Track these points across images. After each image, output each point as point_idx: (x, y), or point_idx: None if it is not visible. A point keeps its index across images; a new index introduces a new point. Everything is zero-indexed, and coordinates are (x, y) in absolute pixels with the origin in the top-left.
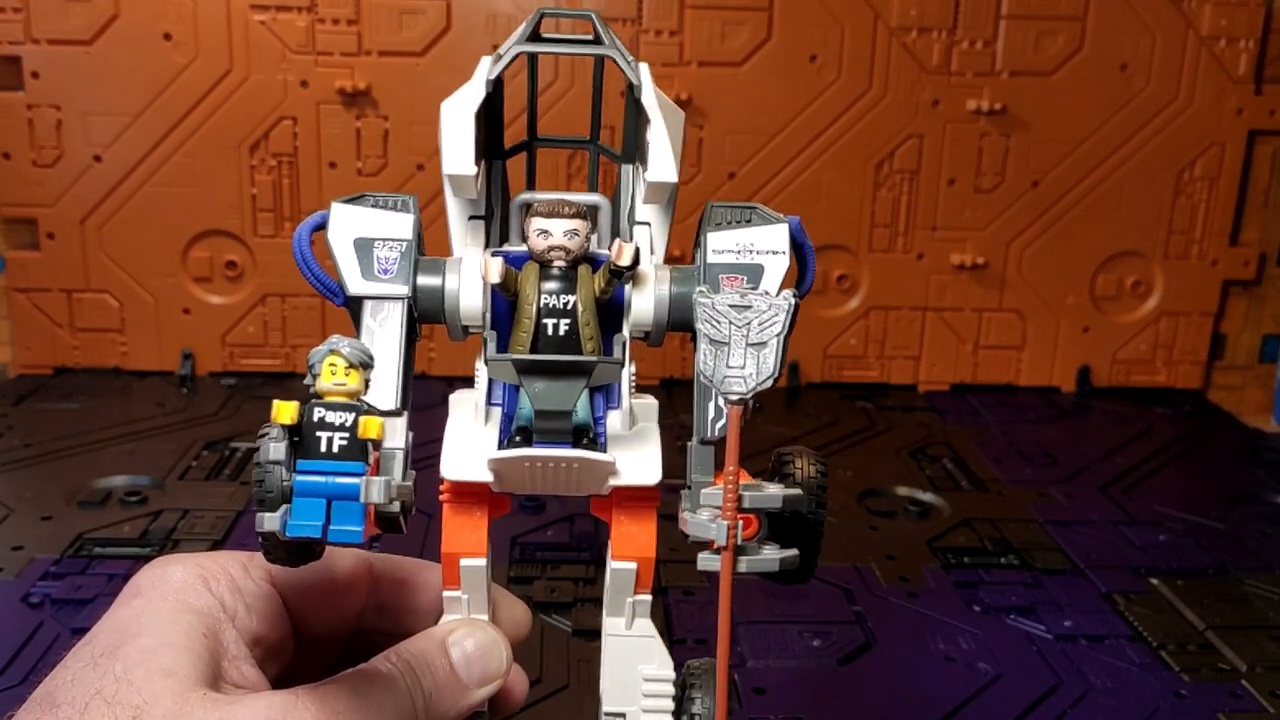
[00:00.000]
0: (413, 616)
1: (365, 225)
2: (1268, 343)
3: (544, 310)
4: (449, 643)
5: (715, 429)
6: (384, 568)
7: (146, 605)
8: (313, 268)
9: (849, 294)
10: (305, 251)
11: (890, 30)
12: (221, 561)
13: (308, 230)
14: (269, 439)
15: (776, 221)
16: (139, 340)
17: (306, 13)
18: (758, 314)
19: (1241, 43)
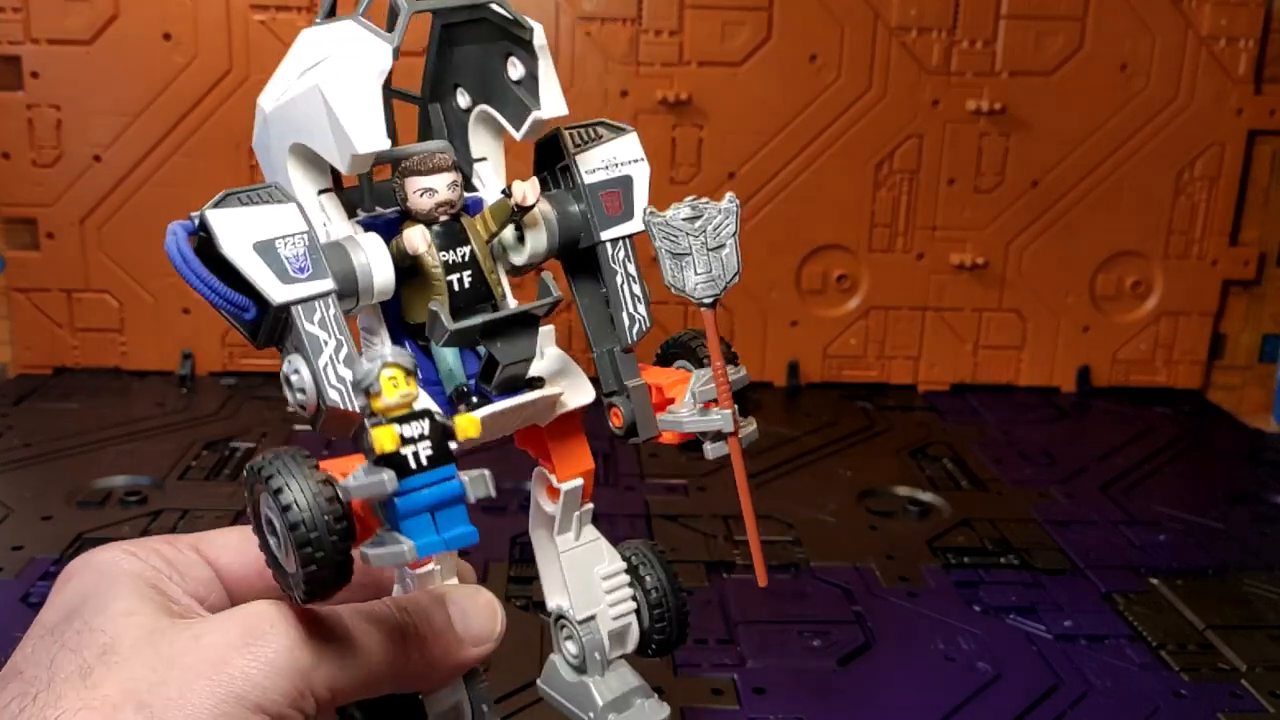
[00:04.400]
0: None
1: (255, 226)
2: (1268, 343)
3: (447, 267)
4: (448, 599)
5: (634, 335)
6: None
7: (83, 581)
8: (213, 284)
9: (849, 294)
10: (197, 265)
11: (890, 30)
12: (146, 541)
13: (186, 241)
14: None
15: (625, 131)
16: (139, 340)
17: (306, 13)
18: (709, 220)
19: (1241, 43)
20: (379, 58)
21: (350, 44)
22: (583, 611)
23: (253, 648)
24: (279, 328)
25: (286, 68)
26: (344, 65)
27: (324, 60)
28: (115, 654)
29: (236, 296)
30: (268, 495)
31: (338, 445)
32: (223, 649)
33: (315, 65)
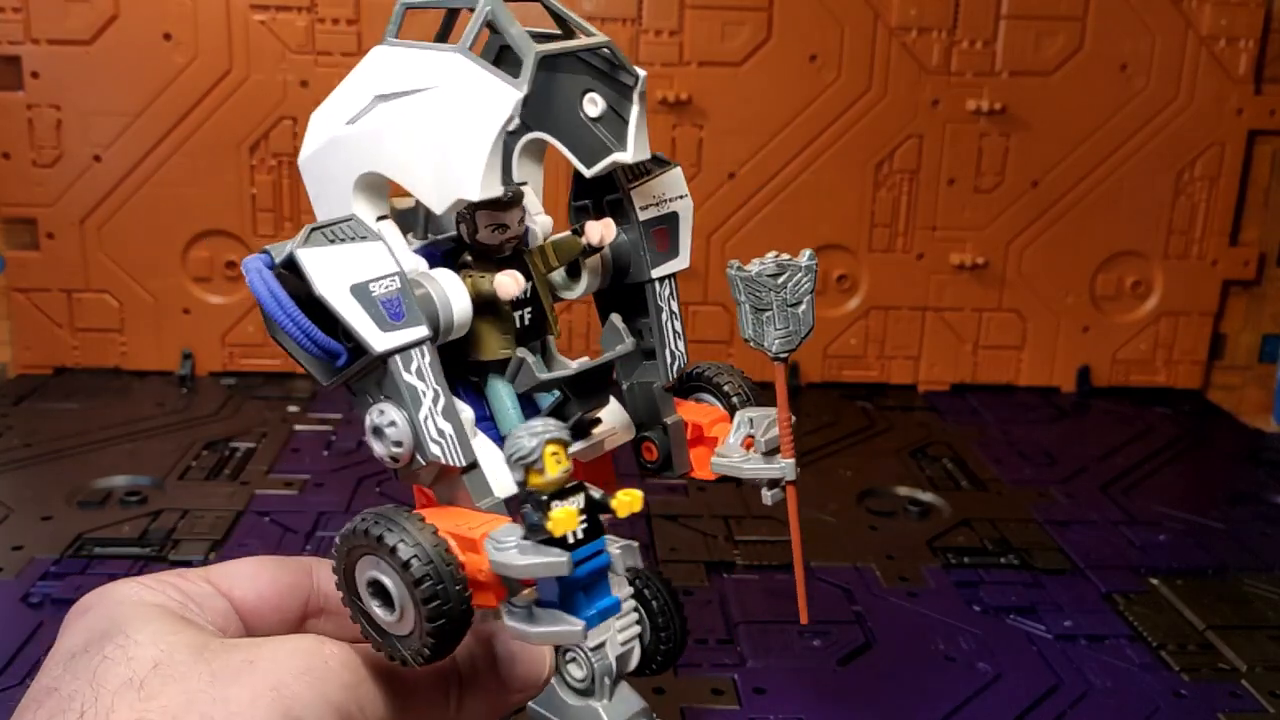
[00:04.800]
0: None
1: (349, 267)
2: (1268, 343)
3: (513, 303)
4: (496, 640)
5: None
6: (325, 573)
7: (105, 611)
8: (309, 330)
9: (849, 294)
10: (292, 308)
11: (890, 30)
12: (159, 575)
13: (275, 280)
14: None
15: (671, 166)
16: (139, 340)
17: (306, 13)
18: (791, 277)
19: (1241, 43)
20: (507, 103)
21: (470, 82)
22: (594, 639)
23: (310, 678)
24: (366, 375)
25: (358, 87)
26: (466, 105)
27: (431, 91)
28: (169, 668)
29: (332, 344)
30: (379, 556)
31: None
32: (281, 673)
33: (413, 94)
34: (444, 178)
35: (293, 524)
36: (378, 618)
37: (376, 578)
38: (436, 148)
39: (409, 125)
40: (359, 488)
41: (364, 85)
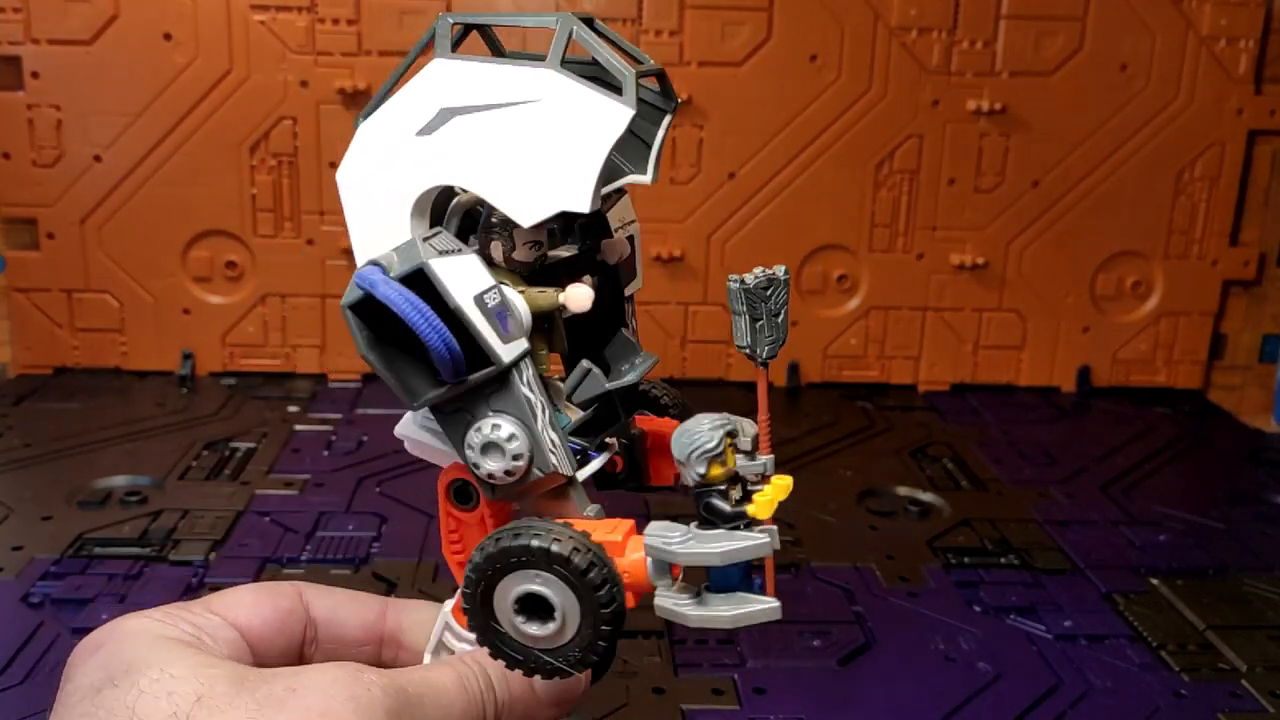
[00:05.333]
0: (343, 648)
1: (467, 279)
2: (1268, 343)
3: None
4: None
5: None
6: (313, 597)
7: (121, 647)
8: (448, 338)
9: (849, 294)
10: (432, 315)
11: (890, 30)
12: (163, 609)
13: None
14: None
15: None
16: (139, 340)
17: (306, 13)
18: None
19: (1241, 43)
20: (621, 120)
21: (577, 98)
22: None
23: (356, 704)
24: (475, 391)
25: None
26: (575, 120)
27: (529, 106)
28: (212, 699)
29: (460, 353)
30: (533, 566)
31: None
32: (328, 700)
33: (503, 107)
34: (546, 191)
35: (293, 524)
36: (528, 636)
37: (529, 591)
38: (539, 161)
39: (502, 138)
40: (359, 488)
41: (428, 98)
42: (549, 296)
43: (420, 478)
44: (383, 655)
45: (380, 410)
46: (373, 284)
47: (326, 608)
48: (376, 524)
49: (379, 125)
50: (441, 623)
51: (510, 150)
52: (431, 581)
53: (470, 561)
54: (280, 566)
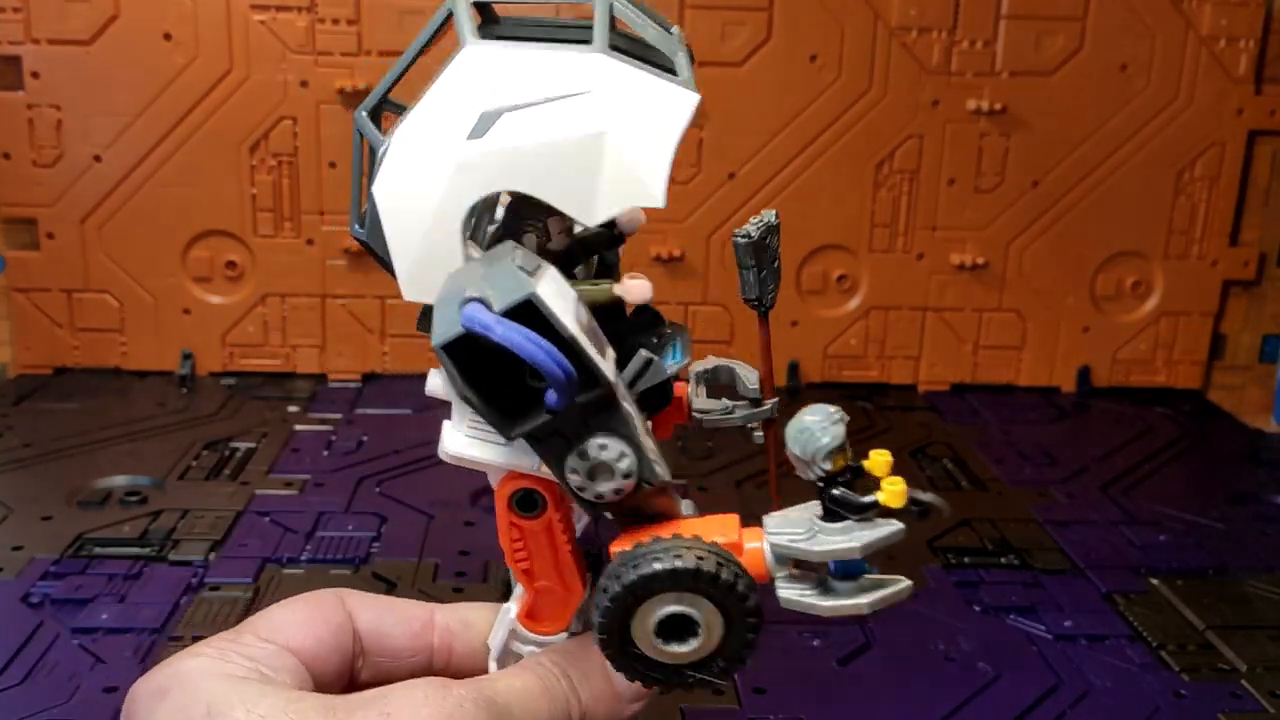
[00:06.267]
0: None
1: (564, 300)
2: (1268, 343)
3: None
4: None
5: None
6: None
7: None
8: (563, 362)
9: (849, 294)
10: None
11: (890, 30)
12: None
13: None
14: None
15: None
16: (139, 340)
17: (306, 13)
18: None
19: (1241, 43)
20: (688, 107)
21: (637, 85)
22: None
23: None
24: (586, 413)
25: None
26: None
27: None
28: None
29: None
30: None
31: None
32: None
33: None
34: (615, 186)
35: (293, 524)
36: (673, 656)
37: (670, 613)
38: (603, 158)
39: (558, 136)
40: (359, 488)
41: (470, 96)
42: (603, 290)
43: (420, 478)
44: (433, 663)
45: (380, 410)
46: (487, 326)
47: (371, 618)
48: (376, 524)
49: (419, 131)
50: (505, 628)
51: (569, 148)
52: (431, 581)
53: (603, 596)
54: (280, 566)
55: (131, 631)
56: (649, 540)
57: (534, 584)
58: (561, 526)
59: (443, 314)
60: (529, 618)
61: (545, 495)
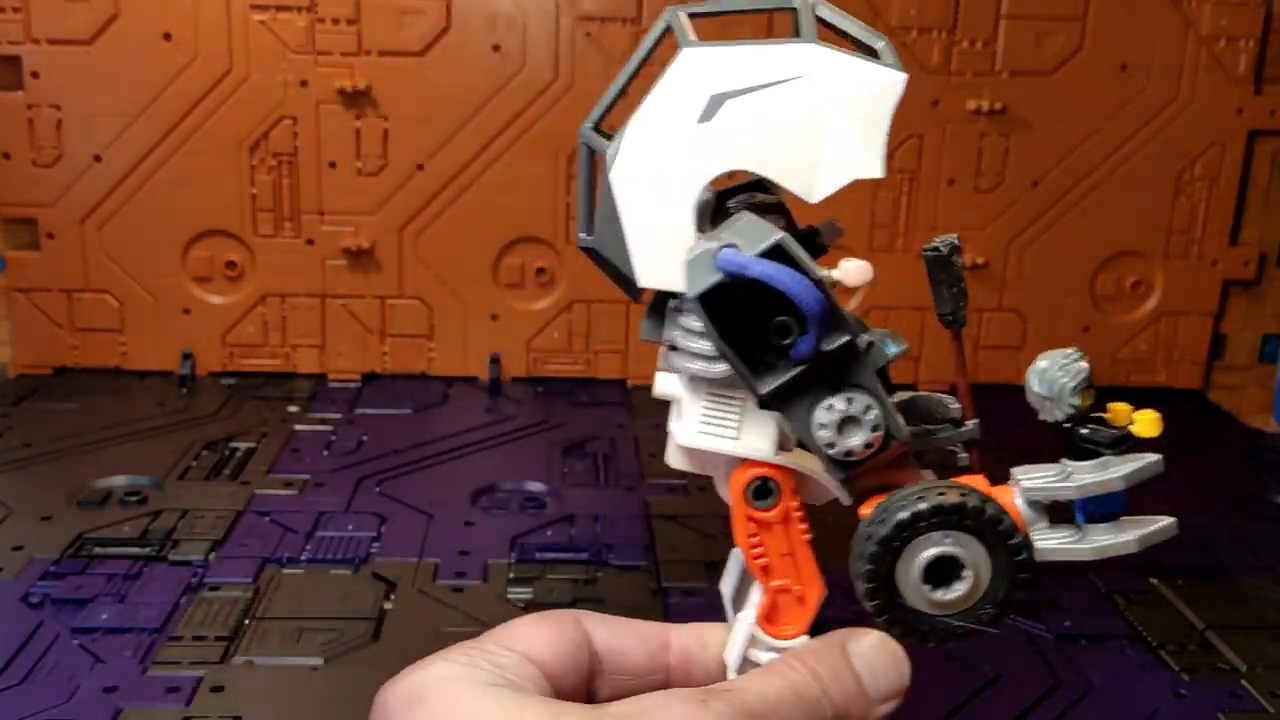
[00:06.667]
0: (632, 679)
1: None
2: (1268, 343)
3: None
4: (851, 650)
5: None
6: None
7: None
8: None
9: (849, 293)
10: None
11: (890, 30)
12: (460, 649)
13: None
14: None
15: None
16: (139, 340)
17: (306, 13)
18: (957, 253)
19: (1241, 43)
20: (898, 85)
21: (849, 68)
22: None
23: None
24: (818, 368)
25: (685, 89)
26: (854, 90)
27: (798, 81)
28: None
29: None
30: (939, 526)
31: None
32: None
33: (773, 86)
34: (835, 163)
35: (293, 524)
36: (940, 604)
37: (936, 555)
38: (822, 135)
39: (780, 116)
40: (359, 488)
41: (694, 86)
42: (824, 276)
43: (420, 478)
44: (671, 683)
45: (380, 410)
46: (744, 265)
47: (607, 637)
48: (376, 524)
49: (650, 121)
50: (743, 638)
51: (791, 127)
52: (431, 581)
53: (867, 543)
54: (280, 566)
55: (131, 631)
56: (902, 490)
57: (771, 582)
58: (798, 516)
59: (696, 271)
60: (767, 620)
61: (780, 483)
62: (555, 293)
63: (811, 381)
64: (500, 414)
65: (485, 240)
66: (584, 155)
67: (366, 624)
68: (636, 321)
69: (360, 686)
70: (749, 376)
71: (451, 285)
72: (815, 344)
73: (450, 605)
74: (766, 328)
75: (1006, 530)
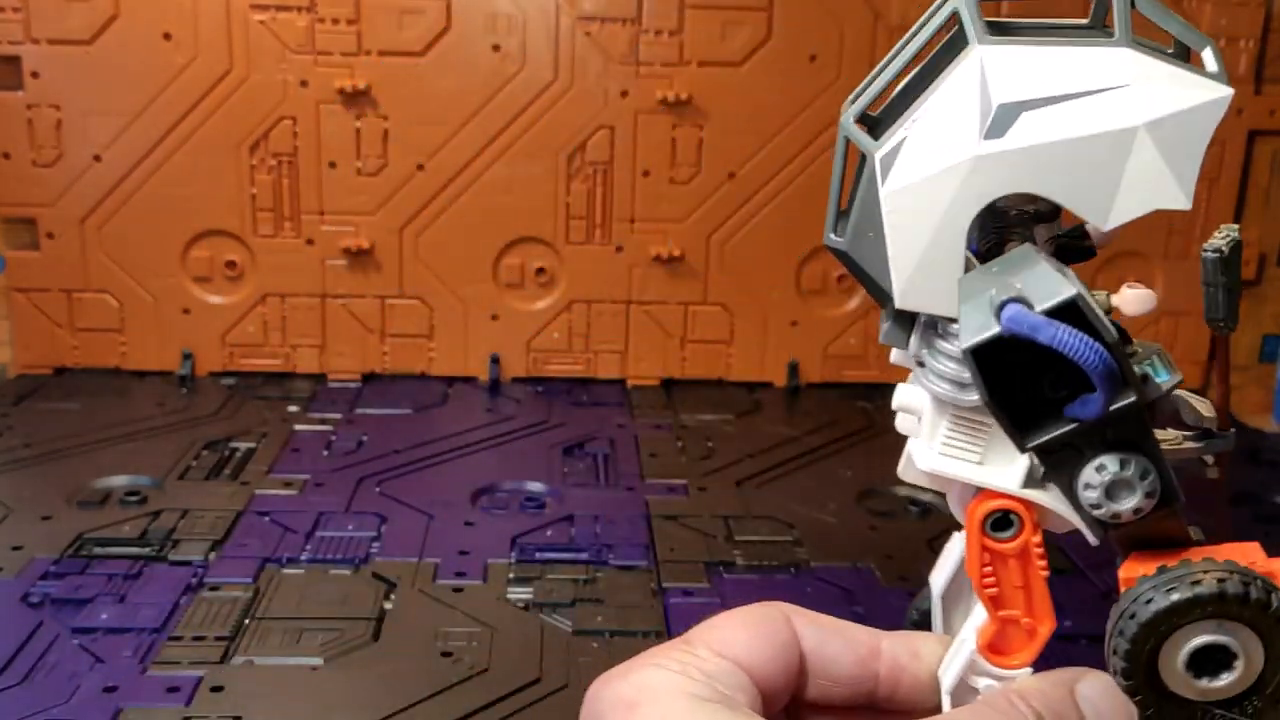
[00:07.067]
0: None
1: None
2: (1268, 343)
3: None
4: (1079, 693)
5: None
6: (801, 626)
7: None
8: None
9: (849, 294)
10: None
11: (890, 30)
12: (669, 654)
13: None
14: None
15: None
16: (139, 340)
17: (306, 12)
18: (1238, 250)
19: (1241, 43)
20: (1222, 103)
21: (1171, 79)
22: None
23: None
24: (1109, 424)
25: (969, 95)
26: (1173, 105)
27: (1113, 93)
28: None
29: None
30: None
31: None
32: None
33: (1081, 97)
34: (1138, 188)
35: (293, 524)
36: (1207, 692)
37: (1202, 644)
38: (1131, 154)
39: (1086, 133)
40: (359, 488)
41: (983, 93)
42: (1100, 301)
43: (420, 478)
44: (878, 692)
45: (380, 410)
46: (1035, 327)
47: (815, 640)
48: (376, 524)
49: (931, 130)
50: (963, 660)
51: (1097, 145)
52: (431, 581)
53: (1121, 640)
54: (280, 566)
55: (131, 631)
56: (1155, 572)
57: (999, 612)
58: (1038, 553)
59: (971, 318)
60: (992, 650)
61: (1022, 517)
62: (555, 293)
63: (1083, 437)
64: (500, 414)
65: (485, 240)
66: (842, 147)
67: (366, 624)
68: (636, 322)
69: (360, 686)
70: (1013, 430)
71: (451, 285)
72: (1102, 408)
73: (450, 605)
74: (1036, 378)
75: (1277, 612)
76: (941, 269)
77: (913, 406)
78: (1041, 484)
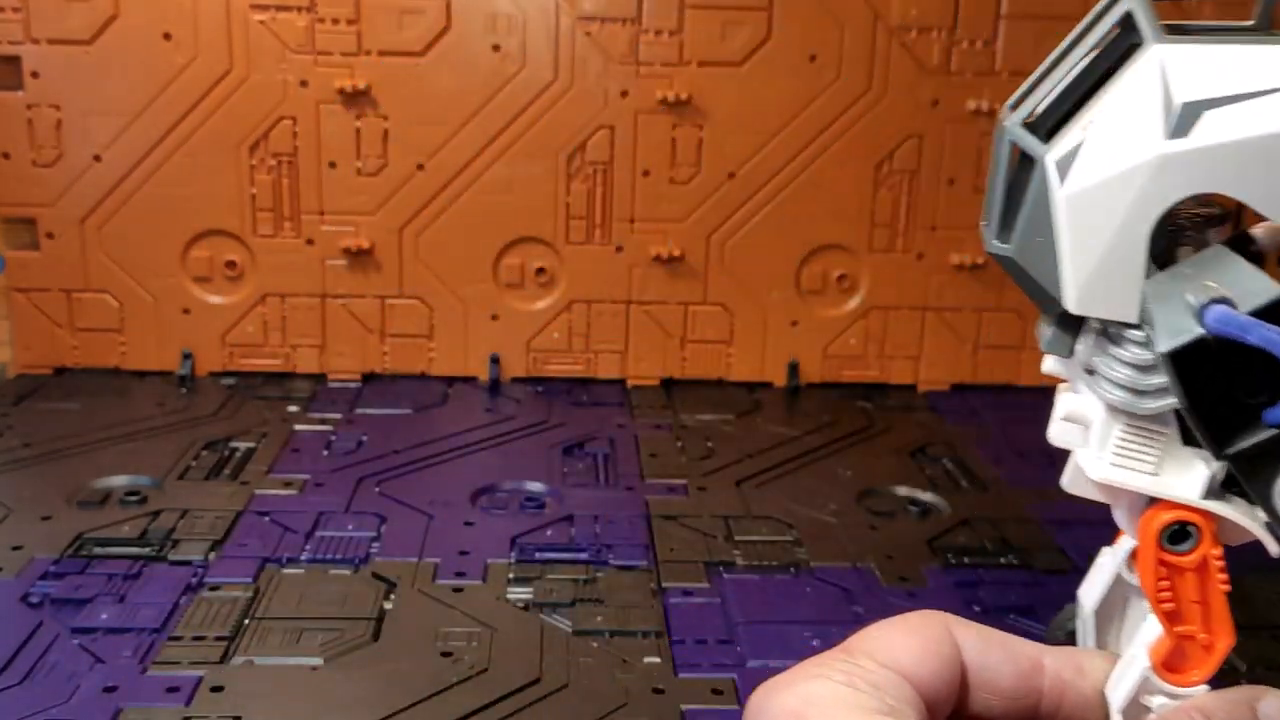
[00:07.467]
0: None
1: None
2: None
3: None
4: (1261, 712)
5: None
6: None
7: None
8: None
9: (849, 294)
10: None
11: (890, 30)
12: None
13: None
14: None
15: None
16: (139, 340)
17: (306, 13)
18: None
19: None
20: None
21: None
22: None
23: None
24: None
25: (1150, 95)
26: None
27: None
28: None
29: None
30: None
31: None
32: None
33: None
34: None
35: (293, 524)
36: None
37: None
38: None
39: (1273, 131)
40: (359, 488)
41: (1163, 93)
42: None
43: (420, 478)
44: (1041, 708)
45: (380, 410)
46: (1243, 328)
47: (977, 651)
48: (376, 524)
49: (1110, 131)
50: (1135, 677)
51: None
52: (431, 581)
53: None
54: (280, 566)
55: (131, 631)
56: None
57: (1175, 628)
58: (1218, 565)
59: (1167, 320)
60: (1167, 667)
61: (1201, 528)
62: (555, 293)
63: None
64: (500, 414)
65: (485, 240)
66: (1004, 150)
67: (366, 624)
68: (636, 322)
69: (360, 686)
70: (1209, 438)
71: (451, 285)
72: None
73: (450, 605)
74: (1234, 383)
75: None
76: (1122, 273)
77: (1083, 416)
78: (1221, 494)
